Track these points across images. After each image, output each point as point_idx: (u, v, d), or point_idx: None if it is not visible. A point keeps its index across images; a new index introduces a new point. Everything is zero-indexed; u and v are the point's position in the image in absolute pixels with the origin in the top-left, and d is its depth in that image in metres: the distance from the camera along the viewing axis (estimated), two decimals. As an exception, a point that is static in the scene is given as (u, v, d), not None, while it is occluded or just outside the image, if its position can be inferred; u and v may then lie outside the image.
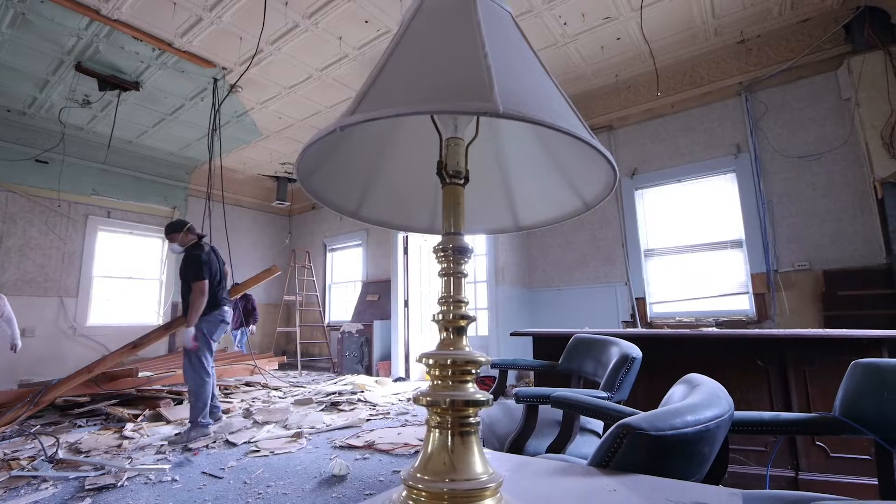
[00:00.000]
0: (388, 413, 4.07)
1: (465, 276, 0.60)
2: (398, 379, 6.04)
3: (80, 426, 3.72)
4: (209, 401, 3.47)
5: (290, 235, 9.84)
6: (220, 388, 5.17)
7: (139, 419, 3.89)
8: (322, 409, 4.20)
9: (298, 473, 2.60)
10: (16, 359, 5.81)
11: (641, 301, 4.60)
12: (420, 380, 6.26)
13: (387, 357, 6.56)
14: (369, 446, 3.04)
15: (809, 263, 4.05)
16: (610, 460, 0.77)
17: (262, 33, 4.31)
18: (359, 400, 4.53)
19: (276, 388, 5.44)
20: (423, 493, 0.51)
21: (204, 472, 2.63)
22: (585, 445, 1.47)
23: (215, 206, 5.95)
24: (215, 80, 5.30)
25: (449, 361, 0.55)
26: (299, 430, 3.45)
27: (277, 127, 6.56)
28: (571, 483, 0.71)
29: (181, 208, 8.09)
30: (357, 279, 8.43)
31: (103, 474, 2.59)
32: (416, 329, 6.45)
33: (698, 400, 0.86)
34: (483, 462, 0.53)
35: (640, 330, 3.91)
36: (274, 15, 4.09)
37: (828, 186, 4.05)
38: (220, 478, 2.55)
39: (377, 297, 7.46)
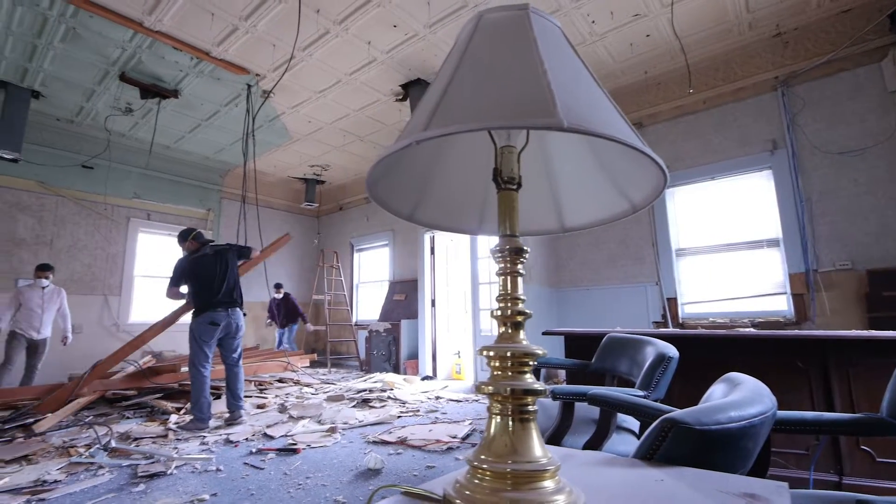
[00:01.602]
0: (418, 410, 4.14)
1: (522, 275, 0.64)
2: (426, 377, 6.12)
3: (128, 417, 3.93)
4: (201, 396, 3.59)
5: (318, 236, 10.06)
6: (255, 384, 5.36)
7: (181, 412, 4.07)
8: (354, 406, 4.30)
9: (335, 466, 2.69)
10: (65, 354, 6.15)
11: (673, 301, 4.53)
12: (447, 378, 6.32)
13: (414, 356, 6.65)
14: (402, 442, 3.11)
15: (852, 263, 3.91)
16: (654, 453, 0.80)
17: (297, 40, 4.44)
18: (388, 397, 4.62)
19: (308, 385, 5.60)
20: (488, 473, 0.55)
21: (246, 463, 2.75)
22: (622, 443, 1.49)
23: (249, 208, 6.16)
24: (249, 87, 5.48)
25: (508, 354, 0.59)
26: (333, 426, 3.55)
27: (307, 130, 6.73)
28: (618, 473, 0.74)
29: (215, 210, 8.39)
30: (384, 279, 8.55)
31: (153, 462, 2.74)
32: (442, 328, 6.51)
33: (741, 397, 0.88)
34: (542, 447, 0.57)
35: (675, 330, 3.86)
36: (306, 22, 4.22)
37: (871, 183, 3.90)
38: (261, 469, 2.66)
39: (404, 297, 7.56)
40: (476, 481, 0.56)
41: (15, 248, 6.24)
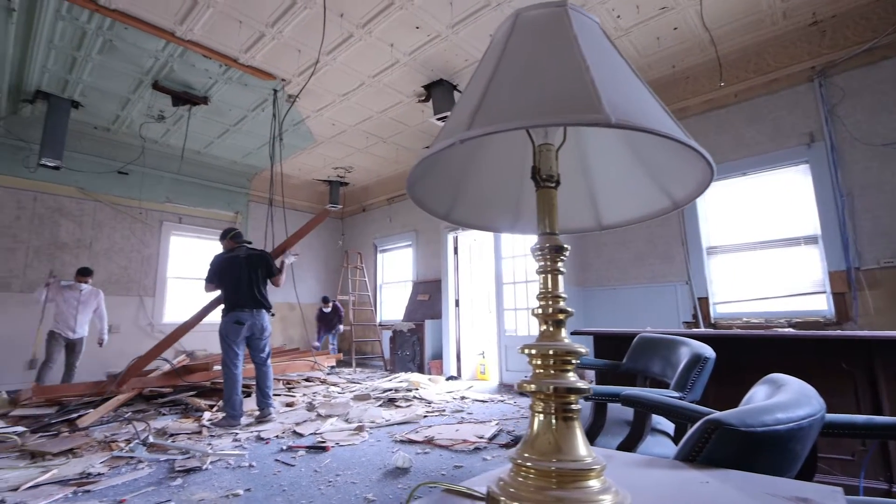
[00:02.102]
0: (444, 410, 4.15)
1: (563, 273, 0.64)
2: (450, 377, 6.13)
3: (163, 414, 4.07)
4: (233, 394, 3.71)
5: (342, 237, 10.20)
6: (283, 383, 5.47)
7: (213, 409, 4.19)
8: (380, 405, 4.35)
9: (364, 464, 2.72)
10: (103, 353, 6.41)
11: (704, 301, 4.40)
12: (472, 378, 6.31)
13: (438, 356, 6.67)
14: (429, 441, 3.12)
15: (898, 260, 3.73)
16: (697, 455, 0.78)
17: (321, 45, 4.51)
18: (414, 397, 4.64)
19: (334, 384, 5.68)
20: (532, 471, 0.55)
21: (277, 460, 2.81)
22: (657, 446, 1.46)
23: (275, 211, 6.30)
24: (275, 92, 5.60)
25: (550, 352, 0.59)
26: (361, 424, 3.59)
27: (331, 133, 6.83)
28: (660, 474, 0.73)
29: (243, 213, 8.60)
30: (407, 279, 8.61)
31: (189, 458, 2.83)
32: (467, 328, 6.51)
33: (787, 398, 0.86)
34: (587, 446, 0.57)
35: (709, 330, 3.76)
36: (330, 26, 4.28)
37: (918, 176, 3.71)
38: (292, 465, 2.71)
39: (427, 297, 7.59)
40: (520, 479, 0.56)
41: (58, 251, 6.53)
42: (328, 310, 7.94)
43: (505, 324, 5.90)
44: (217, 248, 8.30)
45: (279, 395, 4.93)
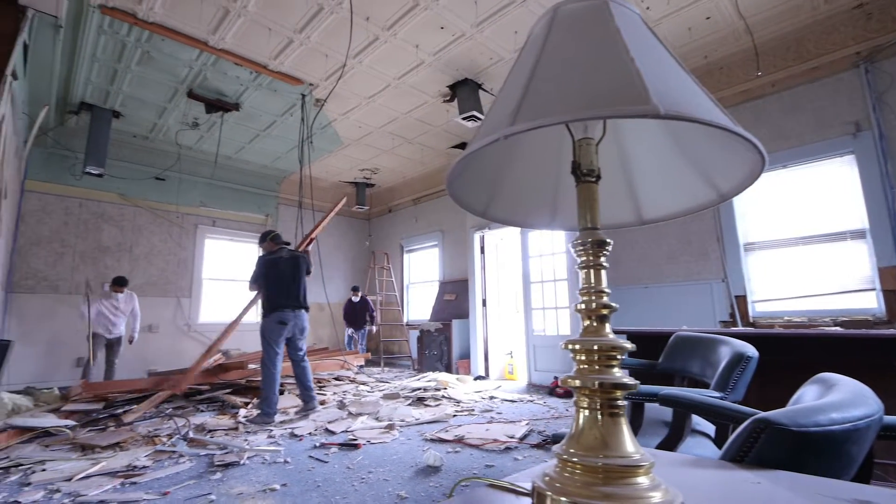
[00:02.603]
0: (473, 410, 4.15)
1: (606, 268, 0.63)
2: (478, 377, 6.12)
3: (201, 411, 4.21)
4: (271, 393, 3.79)
5: (369, 238, 10.33)
6: (314, 382, 5.58)
7: (248, 406, 4.32)
8: (409, 404, 4.38)
9: (395, 462, 2.75)
10: (143, 352, 6.71)
11: (742, 299, 4.24)
12: (500, 378, 6.29)
13: (466, 355, 6.67)
14: (459, 441, 3.13)
15: (954, 255, 3.51)
16: (745, 455, 0.76)
17: (347, 49, 4.59)
18: (443, 396, 4.66)
19: (363, 383, 5.76)
20: (578, 466, 0.55)
21: (311, 457, 2.87)
22: (697, 447, 1.42)
23: (304, 213, 6.43)
24: (303, 96, 5.72)
25: (595, 347, 0.59)
26: (391, 423, 3.63)
27: (357, 135, 6.93)
28: (708, 474, 0.71)
29: (273, 216, 8.82)
30: (434, 279, 8.64)
31: (227, 453, 2.92)
32: (494, 328, 6.49)
33: (841, 398, 0.82)
34: (634, 443, 0.56)
35: (751, 329, 3.63)
36: (356, 30, 4.34)
37: (976, 164, 3.48)
38: (325, 462, 2.77)
39: (454, 297, 7.60)
40: (566, 474, 0.55)
41: (101, 255, 6.86)
42: (357, 299, 7.94)
43: (533, 323, 5.85)
44: (248, 249, 8.56)
45: (310, 393, 5.03)
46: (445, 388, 4.97)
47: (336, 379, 5.88)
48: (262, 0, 4.01)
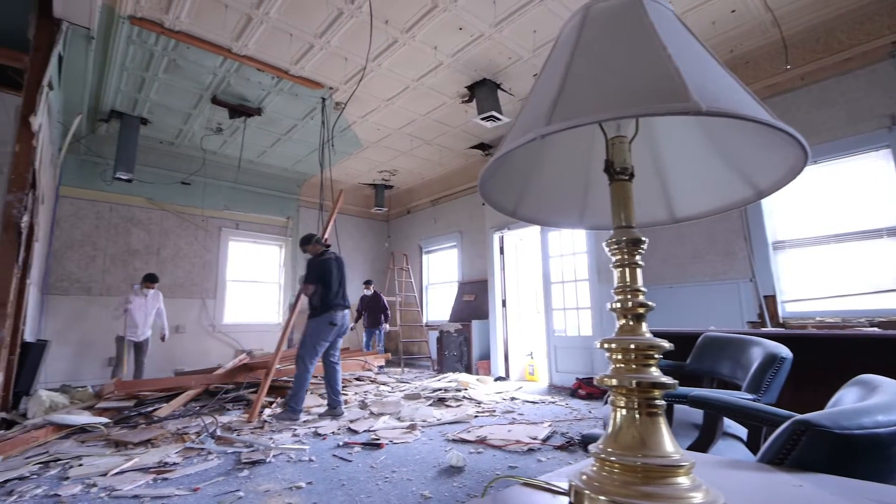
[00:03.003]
0: (494, 411, 4.14)
1: (641, 266, 0.62)
2: (498, 378, 6.10)
3: (227, 409, 4.30)
4: (303, 392, 3.85)
5: (388, 239, 10.40)
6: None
7: (272, 405, 4.39)
8: (430, 405, 4.39)
9: (418, 462, 2.76)
10: (170, 352, 6.90)
11: (771, 299, 4.12)
12: (520, 379, 6.25)
13: (486, 356, 6.65)
14: (481, 441, 3.12)
15: None
16: (785, 458, 0.74)
17: (366, 52, 4.63)
18: (464, 397, 4.66)
19: (384, 384, 5.80)
20: (616, 465, 0.54)
21: (335, 455, 2.91)
22: (729, 450, 1.39)
23: (325, 215, 6.51)
24: (323, 100, 5.80)
25: (632, 346, 0.58)
26: (413, 423, 3.65)
27: (376, 138, 6.99)
28: (746, 476, 0.70)
29: (294, 218, 8.96)
30: (453, 280, 8.65)
31: (254, 451, 2.98)
32: (514, 329, 6.46)
33: (887, 400, 0.80)
34: (673, 443, 0.56)
35: (782, 330, 3.53)
36: (375, 33, 4.38)
37: None
38: (349, 461, 2.80)
39: (473, 297, 7.59)
40: (604, 473, 0.55)
41: (130, 257, 7.08)
42: (369, 293, 7.89)
43: (554, 324, 5.80)
44: (270, 251, 8.70)
45: (332, 393, 5.09)
46: (466, 389, 4.97)
47: (357, 379, 5.94)
48: (283, 6, 4.08)
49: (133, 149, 6.14)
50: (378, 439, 3.20)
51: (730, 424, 1.55)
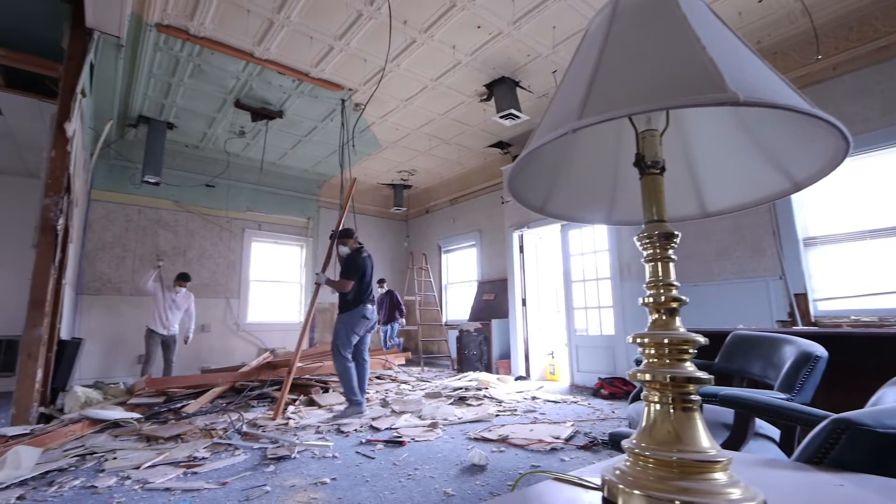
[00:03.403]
0: (515, 410, 4.12)
1: (674, 260, 0.62)
2: (519, 377, 6.07)
3: (252, 406, 4.39)
4: (353, 382, 3.90)
5: (408, 239, 10.45)
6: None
7: (296, 403, 4.47)
8: (451, 403, 4.40)
9: (440, 460, 2.77)
10: (196, 350, 7.07)
11: (802, 297, 3.98)
12: (541, 379, 6.21)
13: (506, 355, 6.63)
14: (503, 440, 3.12)
15: None
16: (824, 457, 0.72)
17: (385, 53, 4.67)
18: (484, 396, 4.66)
19: (405, 382, 5.83)
20: (651, 461, 0.54)
21: (358, 452, 2.94)
22: (761, 451, 1.36)
23: (345, 215, 6.57)
24: (343, 102, 5.87)
25: (665, 341, 0.58)
26: (434, 421, 3.66)
27: (394, 138, 7.03)
28: (784, 475, 0.68)
29: (314, 219, 9.08)
30: (472, 279, 8.65)
31: (279, 447, 3.04)
32: (534, 328, 6.41)
33: (932, 398, 0.77)
34: (709, 438, 0.55)
35: (815, 328, 3.43)
36: (394, 34, 4.41)
37: None
38: (372, 458, 2.83)
39: (493, 297, 7.57)
40: (639, 468, 0.55)
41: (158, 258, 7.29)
42: (383, 291, 8.04)
43: (575, 323, 5.74)
44: (291, 252, 8.82)
45: (354, 391, 5.15)
46: (487, 388, 4.96)
47: (378, 378, 5.99)
48: (304, 10, 4.15)
49: (160, 153, 6.32)
50: (400, 437, 3.22)
51: (761, 425, 1.52)
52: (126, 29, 4.10)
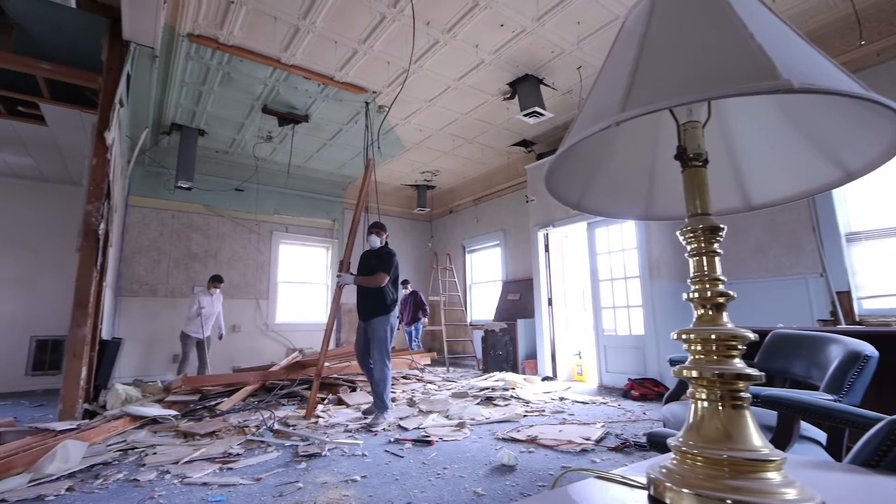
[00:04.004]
0: (543, 410, 4.08)
1: (719, 254, 0.60)
2: (546, 378, 6.01)
3: (283, 404, 4.49)
4: (389, 388, 3.76)
5: (432, 239, 10.49)
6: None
7: (324, 402, 4.54)
8: (478, 403, 4.39)
9: (469, 460, 2.77)
10: (228, 350, 7.28)
11: (845, 295, 3.80)
12: (568, 380, 6.13)
13: (532, 356, 6.57)
14: (532, 441, 3.09)
15: None
16: (881, 460, 0.69)
17: (409, 54, 4.70)
18: (511, 396, 4.63)
19: (431, 382, 5.85)
20: (699, 458, 0.53)
21: (387, 451, 2.97)
22: (807, 454, 1.31)
23: (370, 217, 6.65)
24: (366, 104, 5.93)
25: (713, 336, 0.56)
26: (462, 421, 3.66)
27: (418, 139, 7.07)
28: (839, 477, 0.66)
29: (339, 220, 9.21)
30: (496, 279, 8.61)
31: (310, 444, 3.09)
32: (561, 328, 6.34)
33: None
34: (762, 437, 0.53)
35: (862, 327, 3.28)
36: (417, 35, 4.43)
37: None
38: (400, 457, 2.85)
39: (518, 296, 7.52)
40: (687, 466, 0.54)
41: (191, 261, 7.53)
42: (407, 292, 7.96)
43: (603, 323, 5.64)
44: (317, 253, 8.96)
45: (381, 390, 5.20)
46: (513, 389, 4.93)
47: (403, 378, 6.03)
48: (329, 15, 4.21)
49: (192, 159, 6.53)
50: (428, 436, 3.24)
51: (805, 428, 1.46)
52: (160, 40, 4.25)
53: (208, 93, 5.61)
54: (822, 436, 1.42)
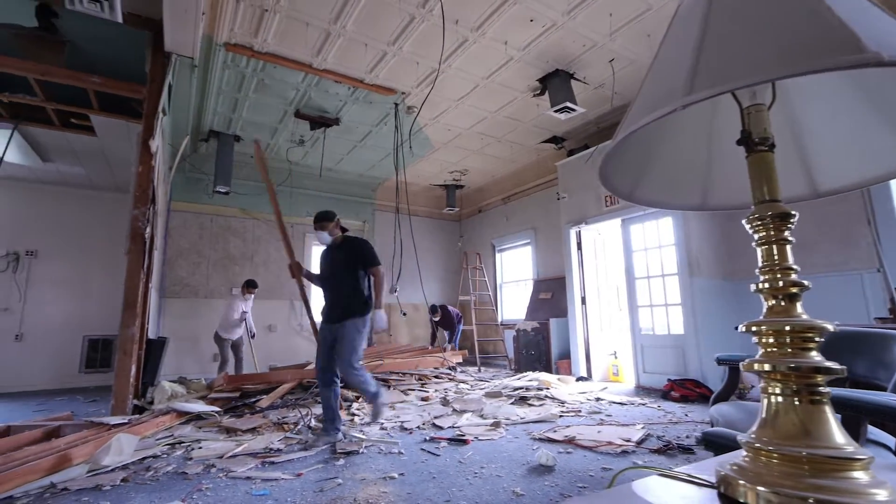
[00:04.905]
0: (580, 411, 4.01)
1: (791, 242, 0.57)
2: (580, 378, 5.90)
3: (318, 402, 4.57)
4: (375, 385, 3.36)
5: (461, 239, 10.48)
6: (416, 378, 5.80)
7: (359, 399, 4.60)
8: (512, 403, 4.36)
9: (505, 459, 2.75)
10: (265, 349, 7.48)
11: (905, 290, 3.59)
12: (604, 380, 6.00)
13: (565, 355, 6.47)
14: (570, 441, 3.04)
15: None
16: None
17: (438, 54, 4.71)
18: (546, 396, 4.57)
19: (463, 381, 5.85)
20: (775, 455, 0.50)
21: (423, 449, 2.98)
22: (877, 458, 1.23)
23: (401, 218, 6.72)
24: (396, 105, 5.99)
25: (787, 328, 0.53)
26: (497, 420, 3.64)
27: (447, 138, 7.07)
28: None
29: (369, 221, 9.33)
30: (527, 277, 8.52)
31: (347, 442, 3.14)
32: (595, 327, 6.21)
33: None
34: (844, 434, 0.50)
35: None
36: (446, 35, 4.44)
37: None
38: (437, 455, 2.86)
39: (550, 295, 7.42)
40: (761, 464, 0.51)
41: (229, 263, 7.79)
42: (437, 319, 7.62)
43: (640, 321, 5.50)
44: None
45: (413, 389, 5.23)
46: (548, 389, 4.86)
47: (436, 377, 6.05)
48: (359, 18, 4.27)
49: (229, 164, 6.76)
50: (463, 435, 3.23)
51: (872, 431, 1.37)
52: (199, 50, 4.42)
53: (244, 99, 5.79)
54: (890, 440, 1.33)
